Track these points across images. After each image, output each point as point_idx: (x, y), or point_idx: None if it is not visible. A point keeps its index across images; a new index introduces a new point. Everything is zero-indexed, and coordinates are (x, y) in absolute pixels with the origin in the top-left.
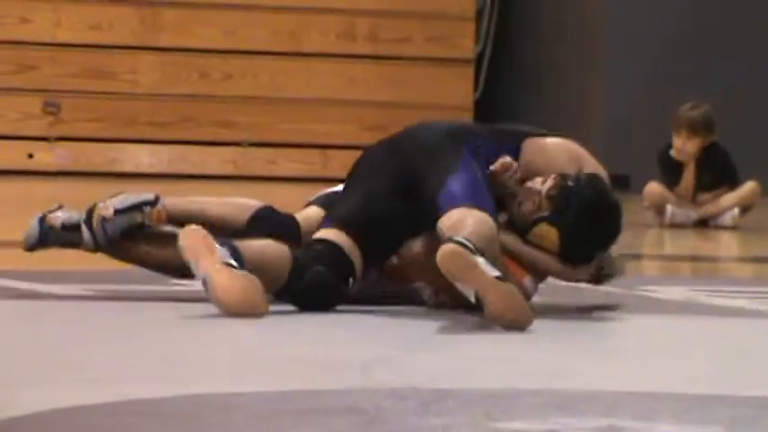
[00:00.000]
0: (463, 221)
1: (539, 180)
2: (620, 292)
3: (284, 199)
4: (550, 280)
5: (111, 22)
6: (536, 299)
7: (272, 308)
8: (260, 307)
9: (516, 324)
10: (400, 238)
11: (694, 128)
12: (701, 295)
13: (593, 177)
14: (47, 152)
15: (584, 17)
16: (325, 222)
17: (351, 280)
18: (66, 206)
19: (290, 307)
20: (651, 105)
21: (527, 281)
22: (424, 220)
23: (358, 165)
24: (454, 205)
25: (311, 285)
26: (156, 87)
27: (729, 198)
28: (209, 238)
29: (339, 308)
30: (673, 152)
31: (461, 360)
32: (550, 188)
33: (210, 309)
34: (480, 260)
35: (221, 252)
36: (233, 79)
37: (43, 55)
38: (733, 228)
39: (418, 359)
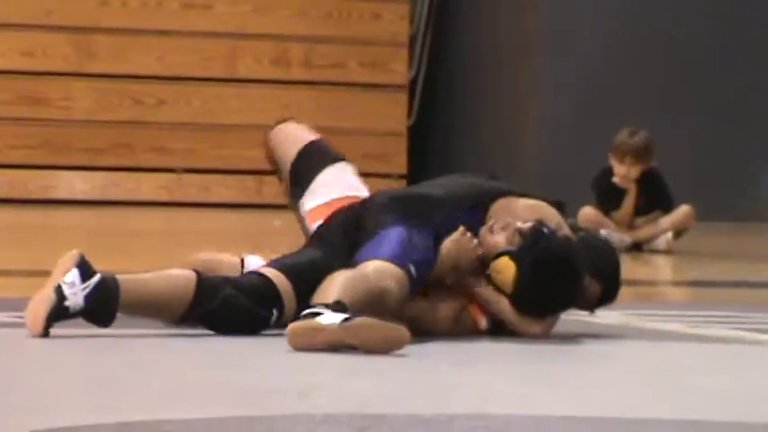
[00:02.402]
0: (331, 282)
1: (521, 221)
2: None
3: (217, 225)
4: None
5: (44, 48)
6: None
7: (219, 336)
8: (36, 328)
9: (393, 348)
10: None
11: (638, 154)
12: (635, 319)
13: (570, 241)
14: None
15: (518, 41)
16: (265, 264)
17: (274, 310)
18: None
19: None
20: (584, 130)
21: (484, 321)
22: None
23: (317, 230)
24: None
25: (220, 307)
26: (90, 114)
27: (664, 222)
28: (69, 263)
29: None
30: (616, 179)
31: (398, 385)
32: (527, 227)
33: (147, 332)
34: (320, 317)
35: (67, 276)
36: (166, 105)
37: None
38: (667, 252)
39: (356, 384)
